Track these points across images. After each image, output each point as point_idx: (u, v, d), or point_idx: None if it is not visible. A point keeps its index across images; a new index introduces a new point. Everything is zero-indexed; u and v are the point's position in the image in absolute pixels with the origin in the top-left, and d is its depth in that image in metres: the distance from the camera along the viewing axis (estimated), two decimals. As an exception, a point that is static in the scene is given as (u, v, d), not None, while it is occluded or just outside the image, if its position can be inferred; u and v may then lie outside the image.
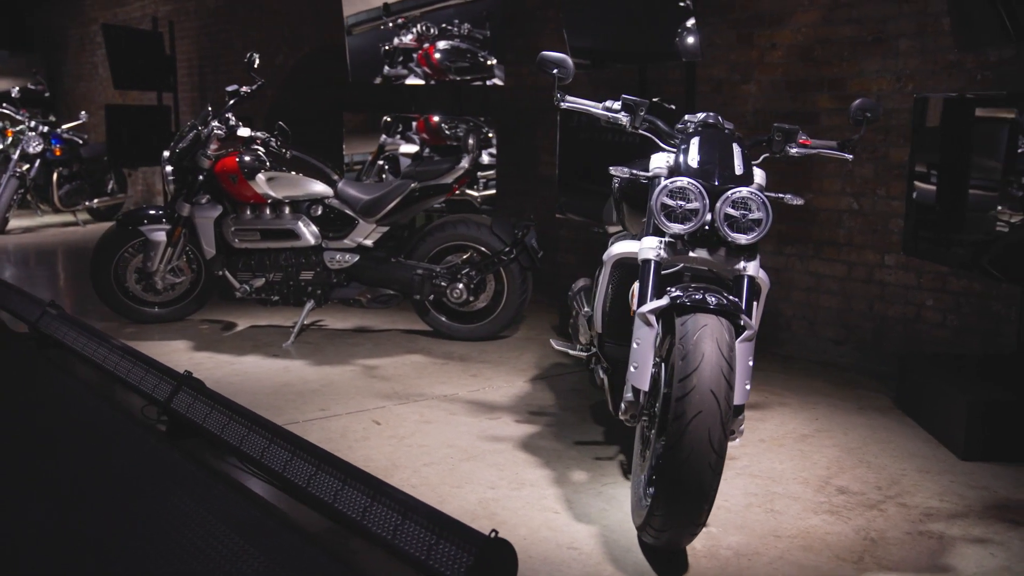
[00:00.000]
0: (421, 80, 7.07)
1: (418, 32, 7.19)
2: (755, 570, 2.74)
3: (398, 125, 7.19)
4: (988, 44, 4.21)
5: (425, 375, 4.80)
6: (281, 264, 5.39)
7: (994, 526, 3.06)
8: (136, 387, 4.07)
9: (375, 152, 7.21)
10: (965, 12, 4.11)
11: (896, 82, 4.76)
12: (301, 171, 5.42)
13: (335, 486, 2.88)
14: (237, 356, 5.13)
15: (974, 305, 4.55)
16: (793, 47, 5.17)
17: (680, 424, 2.56)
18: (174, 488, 3.29)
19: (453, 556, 2.42)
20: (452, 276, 5.30)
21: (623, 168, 3.22)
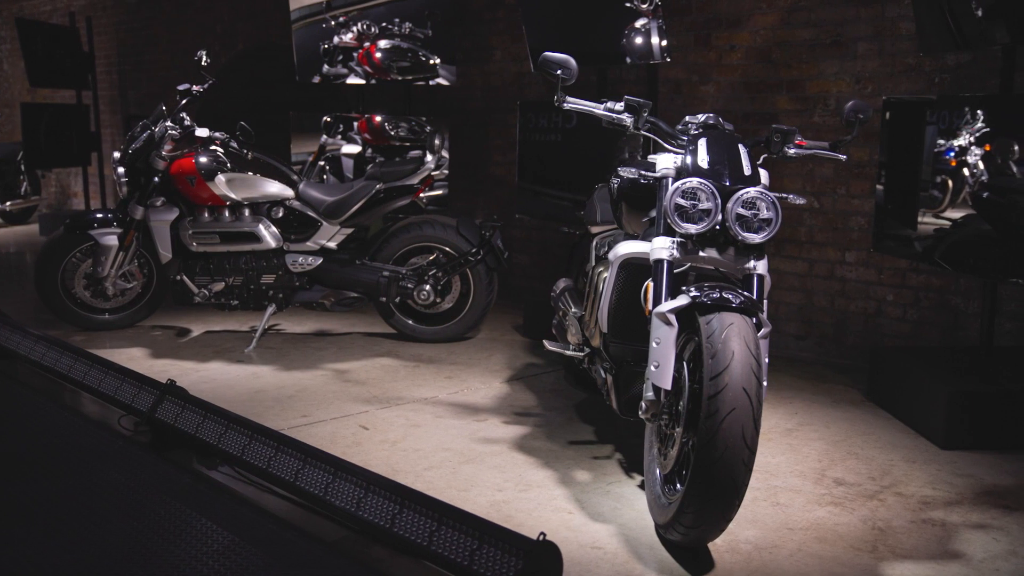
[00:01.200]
0: (362, 80, 6.99)
1: (358, 31, 7.11)
2: (778, 563, 2.80)
3: (339, 125, 7.09)
4: (945, 50, 4.38)
5: (399, 378, 4.75)
6: (241, 268, 5.27)
7: (989, 512, 3.19)
8: (112, 397, 3.93)
9: (316, 152, 7.10)
10: (924, 19, 4.27)
11: (855, 84, 4.91)
12: (261, 172, 5.29)
13: (356, 494, 2.84)
14: (200, 363, 4.99)
15: (933, 299, 4.73)
16: (752, 49, 5.28)
17: (714, 422, 2.59)
18: (171, 502, 3.18)
19: (499, 560, 2.41)
20: (419, 278, 5.26)
21: (631, 168, 3.25)
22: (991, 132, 3.99)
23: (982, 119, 4.10)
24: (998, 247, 3.93)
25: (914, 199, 4.30)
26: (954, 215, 4.14)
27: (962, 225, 4.09)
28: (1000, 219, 3.96)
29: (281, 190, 5.29)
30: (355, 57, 7.11)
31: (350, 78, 7.04)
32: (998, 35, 3.96)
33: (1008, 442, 3.75)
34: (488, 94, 6.82)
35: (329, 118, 7.00)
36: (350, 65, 7.13)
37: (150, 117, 5.36)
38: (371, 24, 7.01)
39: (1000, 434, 3.76)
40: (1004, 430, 3.76)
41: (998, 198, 4.12)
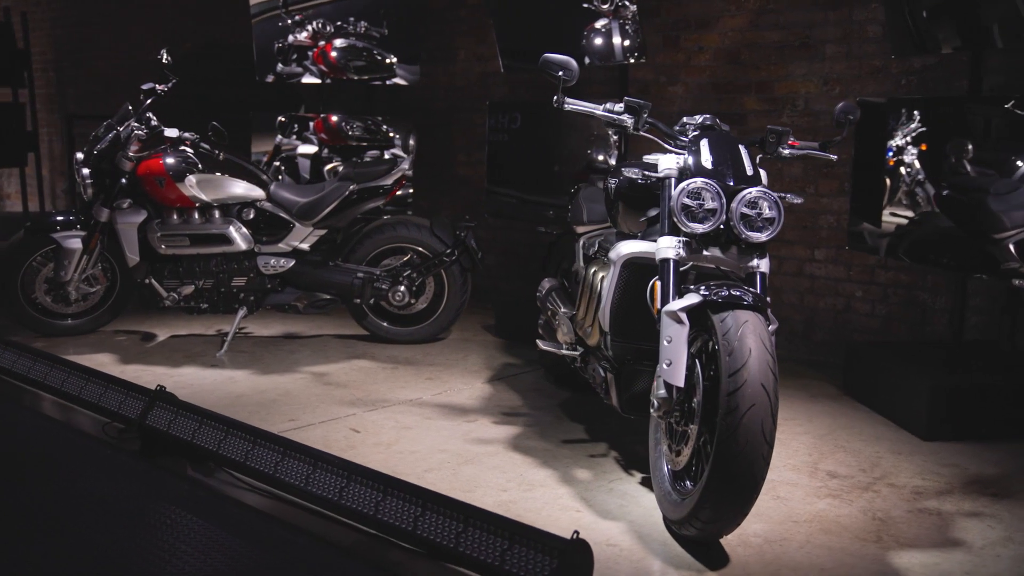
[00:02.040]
0: (317, 79, 6.92)
1: (313, 29, 7.04)
2: (790, 555, 2.86)
3: (293, 125, 7.02)
4: (913, 53, 4.51)
5: (380, 380, 4.72)
6: (212, 270, 5.17)
7: (979, 500, 3.30)
8: (96, 405, 3.84)
9: (271, 153, 7.01)
10: (894, 23, 4.40)
11: (823, 85, 5.03)
12: (232, 173, 5.21)
13: (373, 497, 2.82)
14: (173, 368, 4.89)
15: (902, 295, 4.87)
16: (720, 50, 5.37)
17: (734, 418, 2.64)
18: (173, 509, 3.12)
19: (533, 560, 2.42)
20: (394, 279, 5.23)
21: (634, 169, 3.29)
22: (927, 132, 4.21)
23: (917, 120, 4.26)
24: (965, 243, 4.09)
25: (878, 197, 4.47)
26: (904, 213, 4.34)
27: (926, 222, 4.25)
28: (959, 216, 4.12)
29: (252, 191, 5.21)
30: (310, 56, 7.04)
31: (305, 77, 6.97)
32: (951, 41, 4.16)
33: (987, 432, 3.88)
34: (452, 94, 6.81)
35: (284, 118, 6.92)
36: (305, 64, 7.05)
37: (115, 117, 5.23)
38: (326, 23, 6.95)
39: (979, 425, 3.89)
40: (983, 421, 3.89)
41: (958, 196, 4.28)
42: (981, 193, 4.17)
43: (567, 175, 5.72)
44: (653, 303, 3.11)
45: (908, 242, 4.38)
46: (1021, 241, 4.07)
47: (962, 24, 4.19)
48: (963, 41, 4.17)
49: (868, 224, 4.51)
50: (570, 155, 5.73)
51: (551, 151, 5.75)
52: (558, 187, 5.71)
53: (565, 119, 5.68)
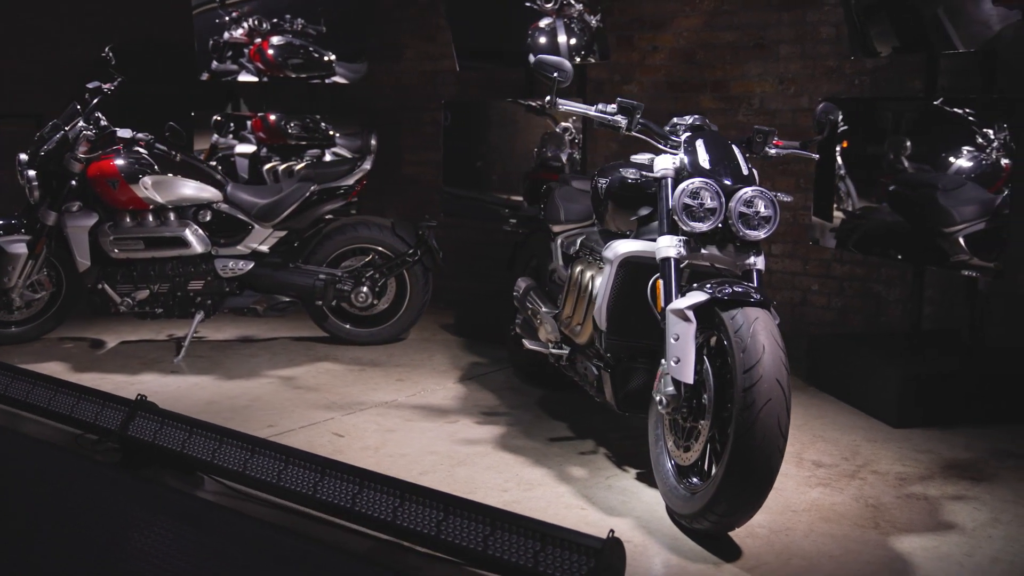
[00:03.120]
0: (254, 77, 6.79)
1: (249, 26, 6.90)
2: (798, 544, 2.94)
3: (229, 124, 6.87)
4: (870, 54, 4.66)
5: (349, 383, 4.67)
6: (167, 274, 5.03)
7: (960, 484, 3.45)
8: (67, 416, 3.70)
9: (207, 152, 6.84)
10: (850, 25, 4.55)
11: (778, 85, 5.16)
12: (187, 174, 5.07)
13: (390, 503, 2.79)
14: (131, 376, 4.74)
15: (857, 288, 5.04)
16: (675, 50, 5.46)
17: (751, 413, 2.70)
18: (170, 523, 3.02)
19: (569, 560, 2.43)
20: (356, 280, 5.17)
21: (632, 169, 3.33)
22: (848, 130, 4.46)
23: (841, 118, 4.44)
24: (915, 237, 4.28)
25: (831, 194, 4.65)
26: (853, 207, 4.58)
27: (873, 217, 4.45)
28: (908, 211, 4.33)
29: (209, 193, 5.08)
30: (246, 53, 6.90)
31: (241, 75, 6.83)
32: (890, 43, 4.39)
33: (954, 419, 4.04)
34: (399, 93, 6.76)
35: (219, 117, 6.77)
36: (241, 62, 6.91)
37: (61, 116, 5.03)
38: (262, 20, 6.82)
39: (946, 412, 4.05)
40: (950, 408, 4.06)
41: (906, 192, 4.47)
42: (929, 189, 4.36)
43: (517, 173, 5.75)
44: (656, 301, 3.14)
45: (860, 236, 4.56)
46: (971, 235, 4.26)
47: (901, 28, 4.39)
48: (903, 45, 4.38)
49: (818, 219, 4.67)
50: (523, 154, 5.74)
51: (504, 150, 5.77)
52: (512, 186, 5.73)
53: (517, 118, 5.70)
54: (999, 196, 4.12)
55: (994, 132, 4.13)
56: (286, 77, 6.64)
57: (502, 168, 5.83)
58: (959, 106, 4.17)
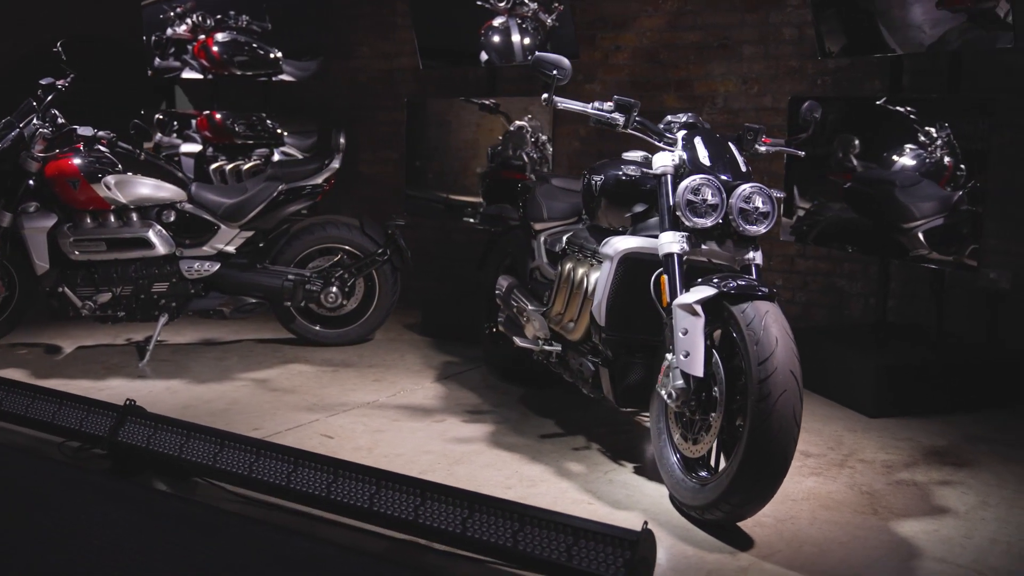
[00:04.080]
0: (198, 74, 6.67)
1: (193, 23, 6.77)
2: (806, 531, 3.01)
3: (173, 123, 6.73)
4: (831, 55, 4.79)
5: (326, 384, 4.61)
6: (131, 276, 4.89)
7: (943, 470, 3.57)
8: (49, 424, 3.58)
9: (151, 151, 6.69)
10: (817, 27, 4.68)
11: (742, 84, 5.26)
12: (151, 174, 4.94)
13: (411, 502, 2.77)
14: (98, 382, 4.60)
15: (820, 283, 5.18)
16: (638, 50, 5.53)
17: (767, 404, 2.76)
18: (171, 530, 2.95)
19: (604, 553, 2.45)
20: (325, 280, 5.10)
21: (633, 166, 3.37)
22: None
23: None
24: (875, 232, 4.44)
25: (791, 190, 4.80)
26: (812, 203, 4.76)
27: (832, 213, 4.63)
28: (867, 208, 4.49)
29: (173, 192, 4.96)
30: (189, 50, 6.76)
31: (185, 72, 6.70)
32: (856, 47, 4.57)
33: (924, 408, 4.19)
34: (354, 91, 6.70)
35: (161, 115, 6.63)
36: (184, 59, 6.77)
37: (14, 113, 4.85)
38: (206, 16, 6.69)
39: (917, 401, 4.19)
40: (921, 397, 4.20)
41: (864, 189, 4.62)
42: (888, 185, 4.51)
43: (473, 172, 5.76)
44: (661, 297, 3.18)
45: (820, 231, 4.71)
46: (930, 230, 4.42)
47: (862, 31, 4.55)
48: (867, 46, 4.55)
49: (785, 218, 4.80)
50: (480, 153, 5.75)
51: (461, 148, 5.77)
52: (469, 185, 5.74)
53: (473, 117, 5.70)
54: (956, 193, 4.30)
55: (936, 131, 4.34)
56: (231, 75, 6.53)
57: (460, 167, 5.83)
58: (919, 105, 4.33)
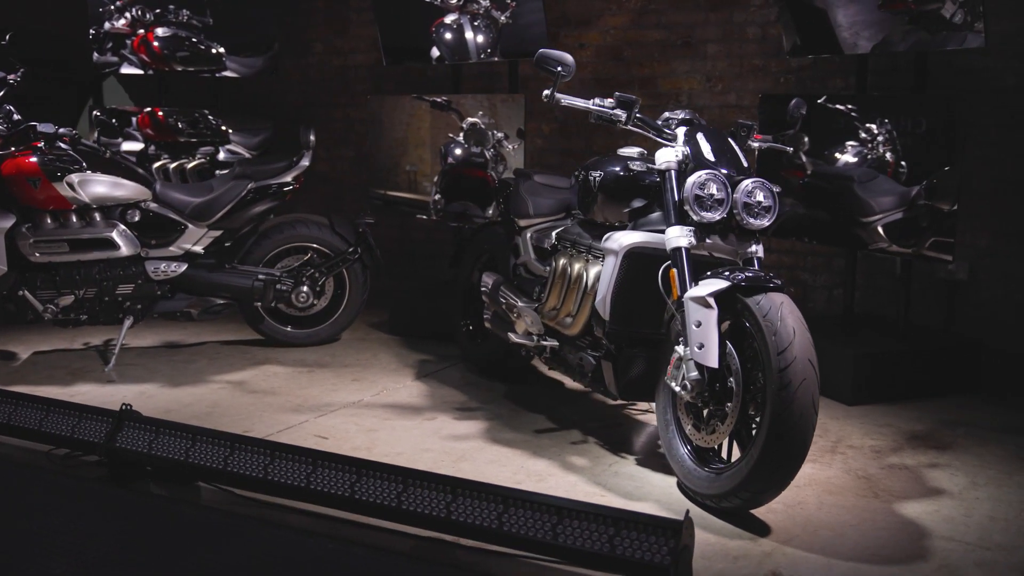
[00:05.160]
0: (138, 70, 6.51)
1: (132, 17, 6.61)
2: (817, 516, 3.10)
3: (112, 121, 6.55)
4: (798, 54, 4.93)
5: (305, 385, 4.54)
6: (94, 278, 4.73)
7: (928, 453, 3.71)
8: (36, 431, 3.45)
9: (90, 150, 6.49)
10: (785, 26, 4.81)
11: (706, 82, 5.37)
12: (115, 172, 4.78)
13: (442, 499, 2.76)
14: (66, 388, 4.45)
15: (784, 276, 5.29)
16: (602, 47, 5.59)
17: (788, 392, 2.83)
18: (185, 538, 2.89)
19: (648, 542, 2.48)
20: (296, 279, 5.03)
21: (639, 162, 3.42)
22: None
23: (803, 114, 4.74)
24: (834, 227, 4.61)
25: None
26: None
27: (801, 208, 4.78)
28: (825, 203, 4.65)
29: (137, 191, 4.82)
30: (128, 45, 6.59)
31: (124, 67, 6.52)
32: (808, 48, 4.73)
33: (897, 394, 4.34)
34: (307, 88, 6.61)
35: (100, 112, 6.44)
36: (123, 53, 6.60)
37: (-34, 111, 4.66)
38: (145, 10, 6.54)
39: (890, 388, 4.34)
40: (895, 384, 4.35)
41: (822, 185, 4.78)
42: (845, 181, 4.68)
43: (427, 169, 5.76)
44: (672, 290, 3.23)
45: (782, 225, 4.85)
46: (889, 224, 4.60)
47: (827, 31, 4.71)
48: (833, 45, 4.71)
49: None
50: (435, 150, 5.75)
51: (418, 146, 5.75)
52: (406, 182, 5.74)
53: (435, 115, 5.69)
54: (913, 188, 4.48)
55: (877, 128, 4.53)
56: (173, 70, 6.39)
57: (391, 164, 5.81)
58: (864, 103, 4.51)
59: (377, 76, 6.29)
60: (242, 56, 6.63)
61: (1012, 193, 4.67)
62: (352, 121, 6.42)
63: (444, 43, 5.84)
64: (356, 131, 6.40)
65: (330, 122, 6.49)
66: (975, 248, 4.80)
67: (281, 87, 6.60)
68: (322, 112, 6.54)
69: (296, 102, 6.63)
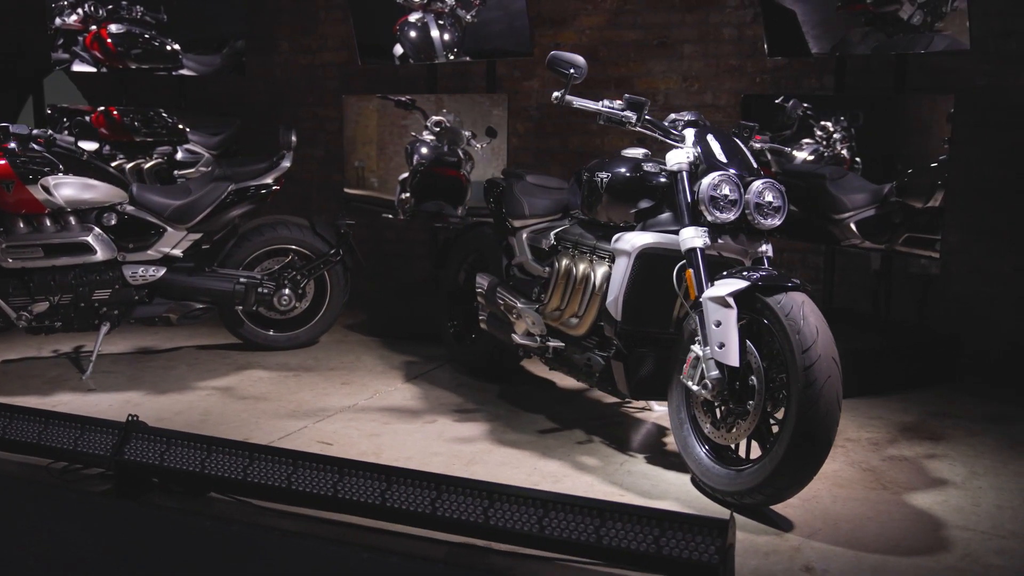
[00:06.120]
0: (91, 67, 6.34)
1: (84, 12, 6.43)
2: (832, 509, 3.16)
3: (63, 119, 6.37)
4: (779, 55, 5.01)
5: (294, 389, 4.48)
6: (70, 284, 4.58)
7: (924, 444, 3.82)
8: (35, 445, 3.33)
9: (41, 150, 6.29)
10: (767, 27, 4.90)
11: (682, 82, 5.43)
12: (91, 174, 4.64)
13: (479, 504, 2.74)
14: (43, 397, 4.31)
15: (761, 272, 5.40)
16: (578, 47, 5.61)
17: (814, 390, 2.89)
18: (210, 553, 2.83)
19: (695, 542, 2.50)
20: (277, 282, 4.94)
21: (652, 162, 3.45)
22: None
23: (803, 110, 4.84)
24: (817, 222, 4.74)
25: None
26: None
27: None
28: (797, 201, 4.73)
29: (113, 194, 4.68)
30: (80, 41, 6.41)
31: (75, 65, 6.34)
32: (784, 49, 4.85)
33: (881, 387, 4.45)
34: (273, 87, 6.49)
35: (50, 111, 6.25)
36: (74, 50, 6.41)
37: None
38: (98, 6, 6.36)
39: (876, 381, 4.45)
40: (878, 377, 4.46)
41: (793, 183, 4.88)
42: (817, 179, 4.79)
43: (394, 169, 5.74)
44: (689, 291, 3.25)
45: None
46: (860, 220, 4.73)
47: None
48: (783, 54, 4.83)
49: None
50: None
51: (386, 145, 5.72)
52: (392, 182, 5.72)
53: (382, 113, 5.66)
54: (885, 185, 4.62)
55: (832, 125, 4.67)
56: (126, 68, 6.23)
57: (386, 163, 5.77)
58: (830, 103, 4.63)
59: (347, 75, 6.21)
60: (197, 54, 6.49)
61: (982, 191, 4.83)
62: (321, 120, 6.33)
63: (409, 41, 5.80)
64: (326, 130, 6.30)
65: (298, 121, 6.37)
66: (946, 244, 4.94)
67: (246, 86, 6.47)
68: (290, 111, 6.43)
69: (262, 101, 6.50)
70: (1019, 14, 4.72)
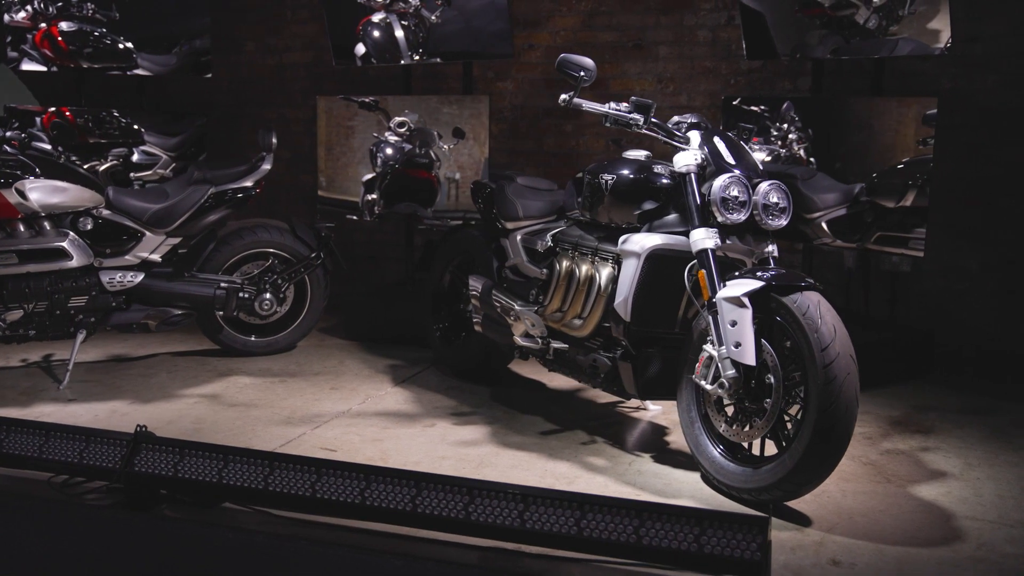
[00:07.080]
0: (41, 66, 6.16)
1: (34, 10, 6.25)
2: (843, 503, 3.23)
3: (13, 121, 6.17)
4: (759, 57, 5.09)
5: (284, 395, 4.41)
6: (45, 291, 4.44)
7: (916, 437, 3.93)
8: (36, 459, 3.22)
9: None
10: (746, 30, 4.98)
11: (657, 83, 5.49)
12: (66, 178, 4.50)
13: (514, 508, 2.74)
14: (24, 408, 4.17)
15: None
16: (552, 48, 5.63)
17: (834, 387, 2.95)
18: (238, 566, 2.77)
19: (736, 539, 2.54)
20: (258, 287, 4.86)
21: (660, 163, 3.48)
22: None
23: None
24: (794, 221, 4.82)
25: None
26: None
27: None
28: None
29: (89, 198, 4.55)
30: (29, 39, 6.23)
31: (24, 64, 6.15)
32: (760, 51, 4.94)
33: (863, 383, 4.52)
34: (238, 87, 6.37)
35: (6, 112, 6.06)
36: (23, 48, 6.22)
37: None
38: (48, 3, 6.19)
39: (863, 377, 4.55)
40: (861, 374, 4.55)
41: None
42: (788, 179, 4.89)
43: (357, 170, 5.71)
44: (702, 291, 3.29)
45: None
46: (832, 220, 4.85)
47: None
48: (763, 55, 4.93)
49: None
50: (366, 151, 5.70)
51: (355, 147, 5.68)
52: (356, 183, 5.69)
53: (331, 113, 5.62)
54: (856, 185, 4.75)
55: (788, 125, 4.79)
56: (78, 67, 6.07)
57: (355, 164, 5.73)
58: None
59: (315, 76, 6.13)
60: (150, 53, 6.34)
61: (952, 190, 4.98)
62: (288, 121, 6.24)
63: (372, 41, 5.76)
64: (293, 132, 6.21)
65: (263, 122, 6.27)
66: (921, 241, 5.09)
67: (209, 85, 6.34)
68: (255, 112, 6.32)
69: (226, 101, 6.38)
70: (983, 19, 4.88)
